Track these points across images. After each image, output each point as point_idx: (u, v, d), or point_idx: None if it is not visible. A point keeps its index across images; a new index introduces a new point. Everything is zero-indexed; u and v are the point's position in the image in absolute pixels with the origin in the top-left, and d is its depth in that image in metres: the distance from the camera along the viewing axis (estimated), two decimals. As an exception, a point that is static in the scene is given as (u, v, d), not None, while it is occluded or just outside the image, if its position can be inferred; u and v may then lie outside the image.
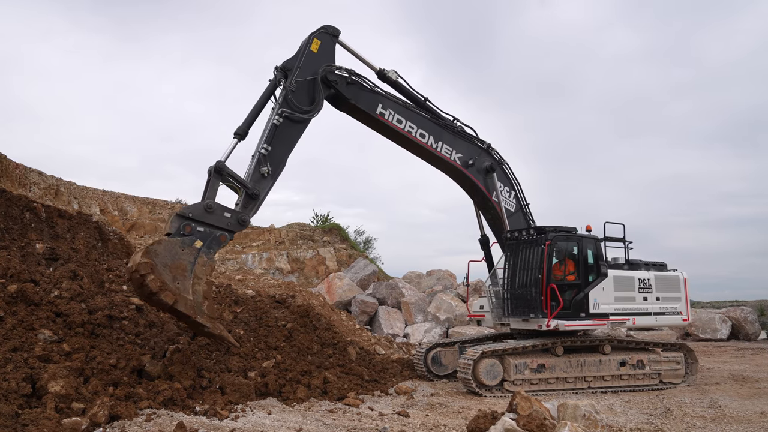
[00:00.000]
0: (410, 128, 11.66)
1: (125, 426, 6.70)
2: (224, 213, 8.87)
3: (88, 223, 13.44)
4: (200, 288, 8.23)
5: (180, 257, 8.13)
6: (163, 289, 7.77)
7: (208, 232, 8.63)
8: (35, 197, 19.07)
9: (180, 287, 7.99)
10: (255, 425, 7.26)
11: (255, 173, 9.53)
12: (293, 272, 28.86)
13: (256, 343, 10.89)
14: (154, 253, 7.84)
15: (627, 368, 11.84)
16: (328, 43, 10.72)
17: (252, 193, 9.33)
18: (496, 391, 10.73)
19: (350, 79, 10.90)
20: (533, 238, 11.87)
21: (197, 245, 8.41)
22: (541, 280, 11.19)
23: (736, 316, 25.54)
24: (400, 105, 11.58)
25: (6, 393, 6.62)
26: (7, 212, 11.59)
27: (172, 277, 7.94)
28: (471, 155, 12.35)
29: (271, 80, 10.21)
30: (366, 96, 11.20)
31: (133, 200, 28.98)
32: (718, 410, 9.59)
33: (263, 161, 9.59)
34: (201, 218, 8.59)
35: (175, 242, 8.17)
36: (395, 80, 11.63)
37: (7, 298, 8.67)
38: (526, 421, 6.04)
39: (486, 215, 13.11)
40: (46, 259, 10.80)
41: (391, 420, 8.11)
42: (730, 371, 14.54)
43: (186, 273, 8.11)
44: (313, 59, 10.49)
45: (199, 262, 8.30)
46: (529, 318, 11.46)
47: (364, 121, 11.51)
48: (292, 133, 10.08)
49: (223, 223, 8.83)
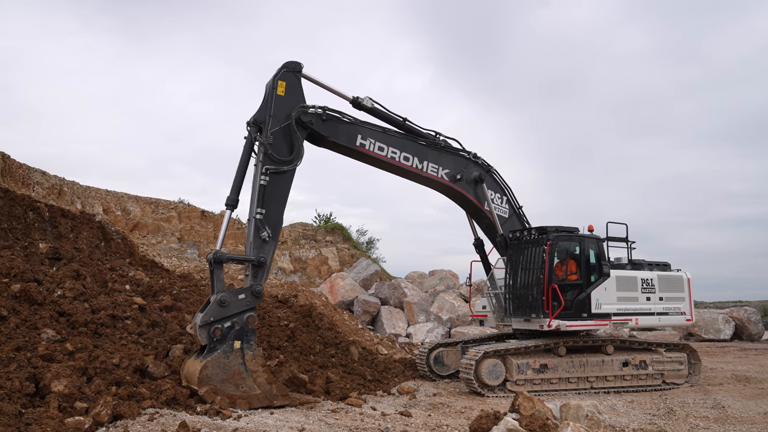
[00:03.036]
0: (393, 154, 11.38)
1: (128, 425, 6.71)
2: (238, 297, 8.92)
3: (91, 222, 13.47)
4: (262, 378, 8.61)
5: (230, 366, 8.48)
6: (233, 400, 8.24)
7: (239, 325, 8.79)
8: (38, 197, 19.12)
9: (246, 390, 8.44)
10: (257, 425, 7.26)
11: (256, 240, 9.35)
12: (296, 272, 28.88)
13: (258, 343, 10.89)
14: (208, 379, 8.24)
15: (630, 368, 11.82)
16: (293, 81, 10.34)
17: (258, 263, 9.26)
18: (499, 392, 10.72)
19: (325, 116, 10.56)
20: (535, 238, 11.85)
21: (237, 345, 8.64)
22: (543, 280, 11.17)
23: (740, 316, 25.47)
24: (380, 132, 11.26)
25: (9, 392, 6.64)
26: (10, 212, 11.62)
27: (234, 386, 8.40)
28: (458, 168, 12.15)
29: (247, 138, 9.90)
30: (344, 129, 10.87)
31: (136, 200, 29.03)
32: (721, 411, 9.57)
33: (261, 226, 9.41)
34: (222, 316, 8.69)
35: (218, 357, 8.43)
36: (371, 107, 11.30)
37: (11, 298, 8.69)
38: (528, 421, 6.04)
39: (480, 224, 12.99)
40: (49, 258, 10.83)
41: (393, 420, 8.11)
42: (733, 372, 14.50)
43: (243, 375, 8.50)
44: (283, 103, 10.13)
45: (247, 359, 8.64)
46: (530, 318, 11.45)
47: (346, 154, 11.20)
48: (282, 187, 9.85)
49: (243, 307, 8.91)
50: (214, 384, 8.25)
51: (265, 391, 8.53)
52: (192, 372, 8.44)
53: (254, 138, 9.82)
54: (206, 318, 8.60)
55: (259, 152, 9.80)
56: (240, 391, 8.39)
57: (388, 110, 11.53)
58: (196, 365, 8.39)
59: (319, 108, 10.51)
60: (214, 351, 8.49)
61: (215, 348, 8.53)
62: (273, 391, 8.59)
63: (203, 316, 8.63)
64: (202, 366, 8.25)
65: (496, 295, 12.62)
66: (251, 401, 8.37)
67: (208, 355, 8.44)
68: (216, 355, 8.41)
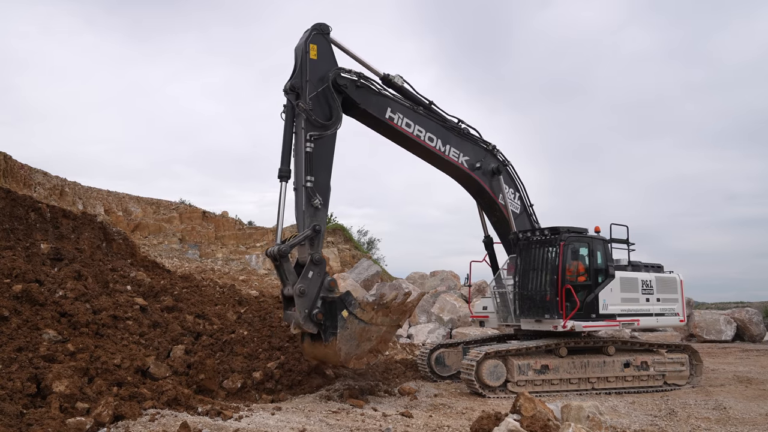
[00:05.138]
0: (419, 132, 11.46)
1: (129, 426, 6.72)
2: (309, 276, 9.22)
3: (93, 223, 13.47)
4: (379, 317, 9.44)
5: (354, 331, 9.20)
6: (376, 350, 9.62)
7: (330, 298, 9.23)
8: (40, 197, 19.15)
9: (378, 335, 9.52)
10: (258, 425, 7.26)
11: (309, 209, 9.40)
12: (297, 273, 28.84)
13: (260, 344, 10.90)
14: (348, 354, 9.22)
15: (631, 369, 11.81)
16: (324, 44, 10.22)
17: (315, 232, 9.39)
18: (500, 392, 10.71)
19: (359, 83, 10.56)
20: (548, 238, 11.81)
21: (345, 315, 9.12)
22: (557, 280, 11.14)
23: (741, 317, 25.43)
24: (409, 109, 11.34)
25: (11, 393, 6.65)
26: (12, 212, 11.64)
27: (367, 340, 9.42)
28: (478, 158, 12.23)
29: (286, 106, 9.86)
30: (375, 100, 10.87)
31: (137, 201, 29.07)
32: (723, 412, 9.55)
33: (312, 194, 9.42)
34: (311, 301, 9.17)
35: (341, 334, 9.05)
36: (401, 86, 11.34)
37: (12, 298, 8.70)
38: (529, 422, 6.03)
39: (491, 218, 13.00)
40: (51, 259, 10.84)
41: (394, 421, 8.11)
42: (734, 373, 14.48)
43: (367, 328, 9.36)
44: (317, 67, 10.02)
45: (359, 315, 9.23)
46: (543, 319, 11.37)
47: (372, 126, 11.25)
48: (326, 152, 9.81)
49: (318, 281, 9.29)
50: (354, 353, 9.22)
51: (388, 323, 9.49)
52: (325, 354, 9.32)
53: (294, 104, 9.75)
54: (302, 313, 9.04)
55: (299, 119, 9.72)
56: (374, 339, 9.40)
57: (416, 91, 11.56)
58: (327, 349, 9.18)
59: (354, 73, 10.52)
60: (330, 329, 9.10)
61: (328, 326, 9.13)
62: (394, 318, 9.54)
63: (298, 313, 9.06)
64: (337, 349, 9.03)
65: (502, 294, 12.55)
66: (386, 338, 9.62)
67: (330, 335, 9.09)
68: (339, 334, 9.02)
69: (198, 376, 8.84)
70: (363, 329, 9.26)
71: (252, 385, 9.51)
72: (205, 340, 10.32)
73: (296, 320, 9.14)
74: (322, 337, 9.24)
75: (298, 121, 9.76)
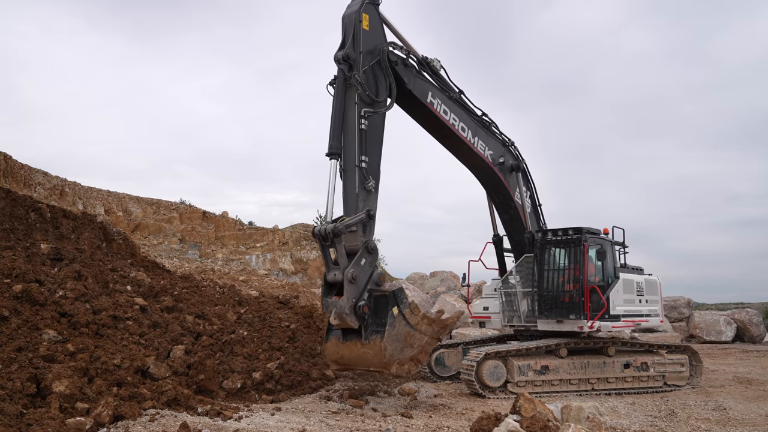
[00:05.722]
0: (454, 120, 10.94)
1: (129, 426, 6.72)
2: (361, 264, 8.55)
3: (93, 223, 13.48)
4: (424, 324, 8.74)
5: (400, 332, 8.50)
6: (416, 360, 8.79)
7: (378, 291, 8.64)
8: (40, 197, 19.15)
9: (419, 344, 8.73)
10: (258, 426, 7.26)
11: (361, 192, 8.76)
12: (297, 273, 28.89)
13: (260, 344, 10.90)
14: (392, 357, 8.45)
15: (631, 370, 11.81)
16: (375, 15, 9.46)
17: (369, 217, 8.74)
18: (500, 393, 10.70)
19: (407, 61, 9.93)
20: (571, 238, 11.79)
21: (396, 312, 8.48)
22: (583, 280, 11.14)
23: (741, 318, 25.43)
24: (446, 96, 10.83)
25: (10, 393, 6.65)
26: (12, 212, 11.64)
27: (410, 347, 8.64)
28: (500, 153, 11.98)
29: (338, 76, 9.02)
30: (419, 82, 10.24)
31: (137, 201, 29.08)
32: (723, 413, 9.55)
33: (366, 175, 8.77)
34: (360, 291, 8.49)
35: (389, 332, 8.38)
36: (437, 71, 10.68)
37: (12, 298, 8.70)
38: (529, 422, 6.03)
39: (504, 215, 12.70)
40: (51, 259, 10.84)
41: (394, 421, 8.10)
42: (734, 373, 14.48)
43: (412, 333, 8.62)
44: (369, 39, 9.22)
45: (408, 316, 8.57)
46: (567, 320, 11.35)
47: (410, 109, 10.63)
48: (379, 131, 9.13)
49: (369, 271, 8.63)
50: (397, 357, 8.44)
51: (430, 334, 8.76)
52: (360, 355, 8.54)
53: (349, 76, 8.99)
54: (350, 302, 8.35)
55: (350, 92, 9.04)
56: (416, 347, 8.61)
57: (450, 79, 11.09)
58: (365, 349, 8.45)
59: (404, 50, 9.98)
60: (372, 326, 8.48)
61: (369, 323, 8.47)
62: (436, 330, 8.81)
63: (346, 301, 8.35)
64: (382, 348, 8.29)
65: (508, 294, 12.52)
66: (426, 349, 8.82)
67: (372, 332, 8.45)
68: (387, 332, 8.37)
69: (198, 377, 8.84)
70: (408, 333, 8.58)
71: (252, 386, 9.51)
72: (205, 340, 10.32)
73: (340, 309, 8.37)
74: (362, 335, 8.55)
75: (349, 95, 9.05)
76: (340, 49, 9.19)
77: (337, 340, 8.86)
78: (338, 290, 8.74)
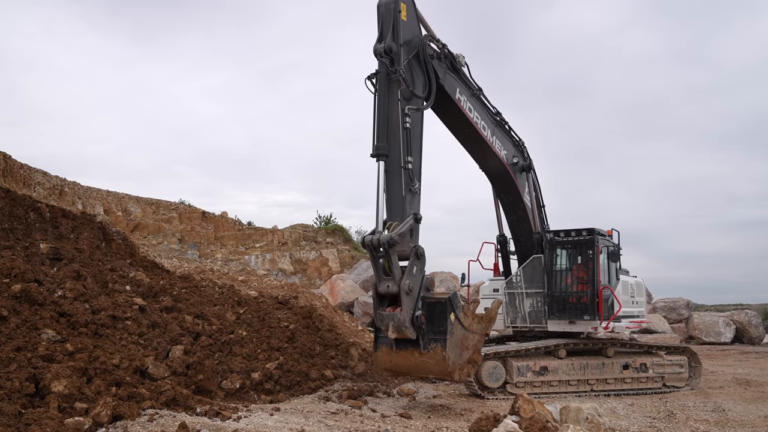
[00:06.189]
0: (477, 119, 10.63)
1: (128, 426, 6.71)
2: (413, 271, 8.21)
3: (92, 223, 13.46)
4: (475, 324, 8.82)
5: (458, 337, 8.48)
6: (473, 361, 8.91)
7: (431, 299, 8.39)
8: (40, 197, 19.14)
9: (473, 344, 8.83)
10: (257, 426, 7.26)
11: (408, 194, 8.39)
12: (296, 273, 28.88)
13: (259, 344, 10.89)
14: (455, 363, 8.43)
15: (630, 371, 11.82)
16: (411, 6, 8.94)
17: (417, 220, 8.45)
18: (499, 394, 10.70)
19: (442, 55, 9.52)
20: (585, 239, 11.78)
21: (453, 318, 8.33)
22: (596, 281, 11.17)
23: (740, 319, 25.44)
24: (470, 93, 10.50)
25: (9, 392, 6.64)
26: (11, 212, 11.63)
27: (466, 349, 8.69)
28: (513, 153, 11.85)
29: (378, 71, 8.50)
30: (449, 78, 9.83)
31: (137, 201, 29.07)
32: (722, 414, 9.55)
33: (412, 177, 8.40)
34: (415, 300, 8.20)
35: (450, 340, 8.26)
36: (460, 68, 10.30)
37: (11, 298, 8.69)
38: (528, 423, 6.03)
39: (511, 216, 12.51)
40: (50, 259, 10.83)
41: (393, 422, 8.10)
42: (733, 375, 14.48)
43: (467, 334, 8.66)
44: (407, 30, 8.69)
45: (462, 319, 8.56)
46: (581, 320, 11.32)
47: (437, 106, 10.08)
48: (420, 131, 8.70)
49: (420, 278, 8.32)
50: (458, 363, 8.48)
51: (480, 332, 8.86)
52: (420, 364, 8.46)
53: (392, 71, 8.49)
54: (409, 314, 8.04)
55: (393, 89, 8.55)
56: (470, 348, 8.70)
57: (471, 77, 10.76)
58: (424, 358, 8.31)
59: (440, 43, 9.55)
60: (430, 335, 8.27)
61: (425, 331, 8.23)
62: (483, 326, 8.91)
63: (405, 313, 8.05)
64: (445, 357, 8.21)
65: (511, 295, 12.47)
66: (479, 348, 8.95)
67: (430, 341, 8.26)
68: (448, 340, 8.25)
69: (197, 377, 8.84)
70: (463, 335, 8.52)
71: (251, 386, 9.51)
72: (204, 340, 10.31)
73: (399, 323, 8.06)
74: (419, 344, 8.28)
75: (392, 91, 8.56)
76: (379, 41, 8.66)
77: (389, 348, 8.60)
78: (390, 301, 8.48)
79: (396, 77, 8.53)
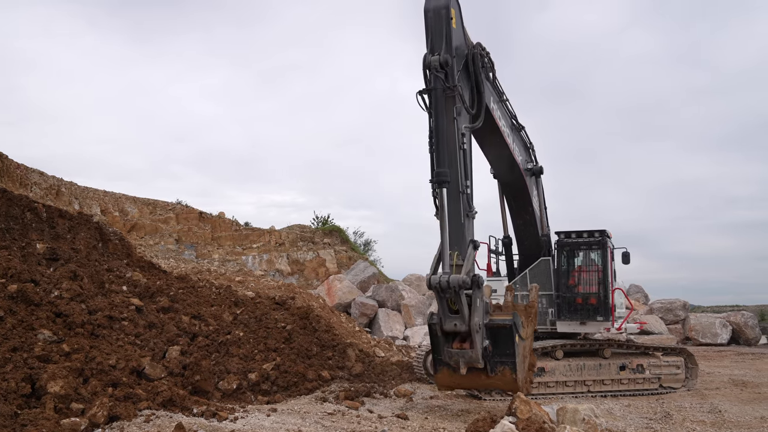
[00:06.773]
0: (504, 126, 10.27)
1: (124, 427, 6.70)
2: (477, 304, 7.95)
3: (89, 223, 13.43)
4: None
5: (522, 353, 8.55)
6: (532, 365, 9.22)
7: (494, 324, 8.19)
8: (36, 197, 19.08)
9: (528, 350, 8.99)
10: (254, 427, 7.25)
11: (466, 221, 8.05)
12: (293, 274, 28.84)
13: (256, 345, 10.88)
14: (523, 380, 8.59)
15: (627, 372, 11.84)
16: (458, 11, 8.25)
17: (475, 247, 8.20)
18: (496, 395, 10.70)
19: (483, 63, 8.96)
20: (597, 240, 11.81)
21: (518, 340, 8.29)
22: (609, 283, 11.23)
23: (737, 320, 25.49)
24: (498, 99, 10.12)
25: (5, 393, 6.62)
26: (8, 212, 11.59)
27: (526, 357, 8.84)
28: (527, 157, 11.70)
29: (434, 87, 7.80)
30: (487, 86, 9.35)
31: (134, 201, 29.02)
32: (718, 415, 9.57)
33: (470, 201, 8.02)
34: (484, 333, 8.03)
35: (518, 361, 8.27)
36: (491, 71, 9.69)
37: (7, 298, 8.67)
38: (525, 424, 6.04)
39: (518, 220, 12.35)
40: (47, 259, 10.80)
41: (390, 423, 8.10)
42: (730, 376, 14.52)
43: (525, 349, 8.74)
44: (457, 39, 8.07)
45: (522, 336, 8.55)
46: (593, 321, 11.34)
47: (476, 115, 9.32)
48: (471, 150, 8.21)
49: (483, 307, 8.07)
50: (524, 376, 8.69)
51: (530, 334, 9.05)
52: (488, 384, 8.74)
53: (450, 87, 7.85)
54: (480, 350, 7.88)
55: (449, 107, 7.92)
56: (527, 354, 8.88)
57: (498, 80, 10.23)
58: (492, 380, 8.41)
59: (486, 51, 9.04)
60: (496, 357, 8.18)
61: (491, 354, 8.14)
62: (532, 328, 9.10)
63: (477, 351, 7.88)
64: (515, 379, 8.26)
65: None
66: (532, 348, 9.21)
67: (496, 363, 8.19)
68: (518, 363, 8.29)
69: (193, 377, 8.82)
70: (523, 347, 8.60)
71: (247, 387, 9.50)
72: (200, 341, 10.30)
73: (471, 360, 7.91)
74: (486, 368, 8.19)
75: (448, 109, 7.94)
76: (432, 52, 7.97)
77: (450, 371, 8.40)
78: (455, 337, 8.27)
79: (451, 93, 7.97)
